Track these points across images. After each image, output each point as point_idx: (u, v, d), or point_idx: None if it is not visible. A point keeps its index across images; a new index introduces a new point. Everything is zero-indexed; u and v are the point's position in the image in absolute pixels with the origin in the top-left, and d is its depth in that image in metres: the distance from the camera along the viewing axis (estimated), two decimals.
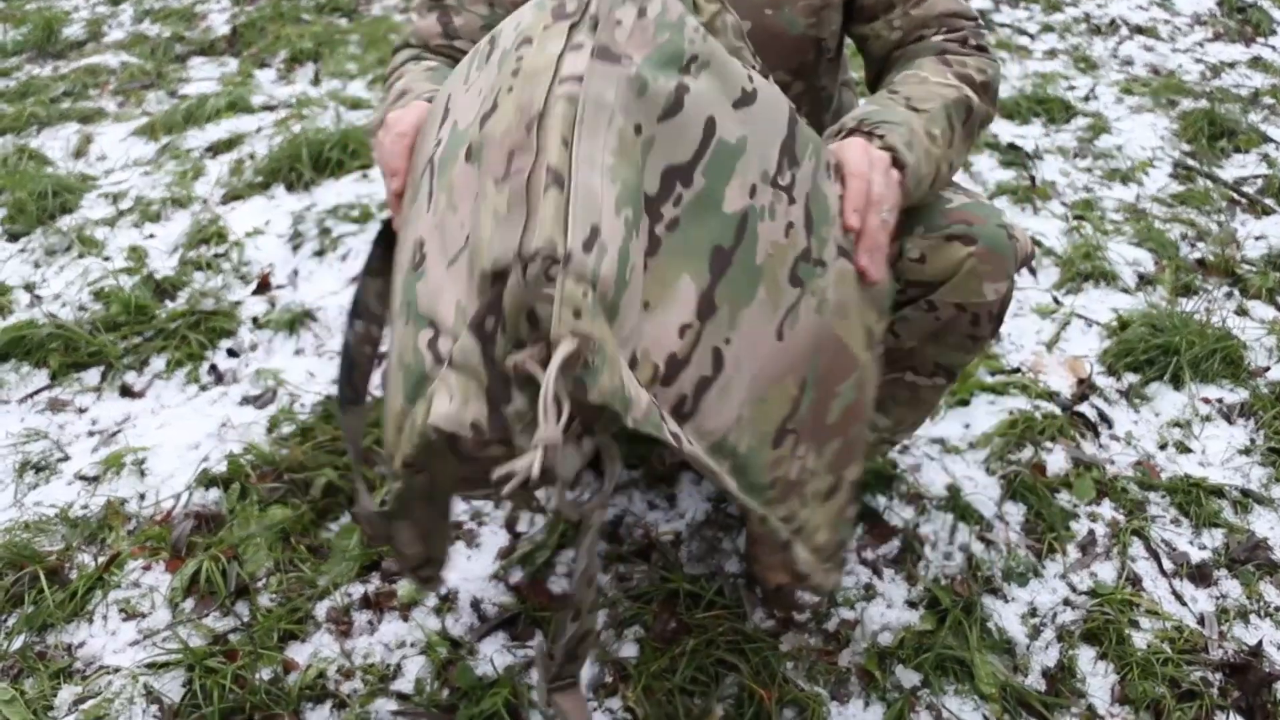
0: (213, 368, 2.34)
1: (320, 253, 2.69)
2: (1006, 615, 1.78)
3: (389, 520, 1.04)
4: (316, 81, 3.83)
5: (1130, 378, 2.27)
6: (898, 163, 1.15)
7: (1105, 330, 2.41)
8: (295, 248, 2.72)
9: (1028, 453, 2.07)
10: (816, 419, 1.06)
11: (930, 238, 1.34)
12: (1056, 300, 2.52)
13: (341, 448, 2.06)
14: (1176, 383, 2.24)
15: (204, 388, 2.30)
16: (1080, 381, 2.25)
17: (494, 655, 1.72)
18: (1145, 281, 2.59)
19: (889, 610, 1.79)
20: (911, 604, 1.80)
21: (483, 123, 0.86)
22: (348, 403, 1.31)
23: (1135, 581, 1.84)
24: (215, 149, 3.33)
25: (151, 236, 2.82)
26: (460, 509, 1.98)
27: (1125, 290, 2.55)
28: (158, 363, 2.35)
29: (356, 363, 1.28)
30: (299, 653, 1.74)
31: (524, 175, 0.80)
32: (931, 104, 1.27)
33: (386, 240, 1.17)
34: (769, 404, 0.98)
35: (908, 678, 1.68)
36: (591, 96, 0.81)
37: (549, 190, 0.78)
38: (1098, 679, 1.69)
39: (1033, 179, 3.05)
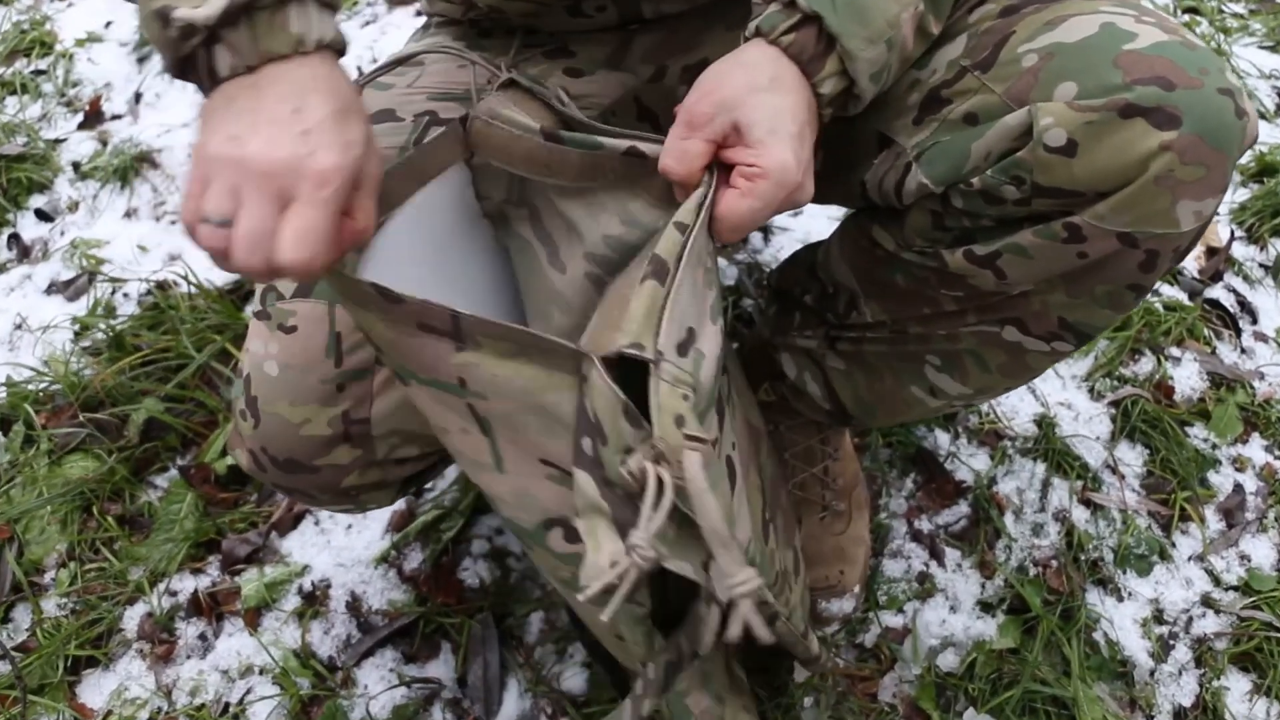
0: (14, 239, 1.70)
1: None
2: (1121, 621, 1.23)
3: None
4: None
5: (1279, 245, 1.64)
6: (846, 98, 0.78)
7: (1240, 174, 1.76)
8: (141, 60, 2.03)
9: (1146, 365, 1.47)
10: (772, 499, 0.97)
11: (1088, 107, 0.72)
12: None
13: (170, 362, 1.45)
14: None
15: (1, 268, 1.66)
16: (1212, 252, 1.62)
17: (379, 691, 1.18)
18: None
19: (953, 616, 1.23)
20: (985, 606, 1.24)
21: None
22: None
23: None
24: None
25: None
26: None
27: (1263, 115, 1.88)
28: None
29: None
30: (95, 690, 1.20)
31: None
32: None
33: None
34: (752, 502, 0.86)
35: None
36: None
37: (645, 281, 0.66)
38: None
39: None
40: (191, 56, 0.67)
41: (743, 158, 0.71)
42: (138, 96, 1.94)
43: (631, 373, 0.63)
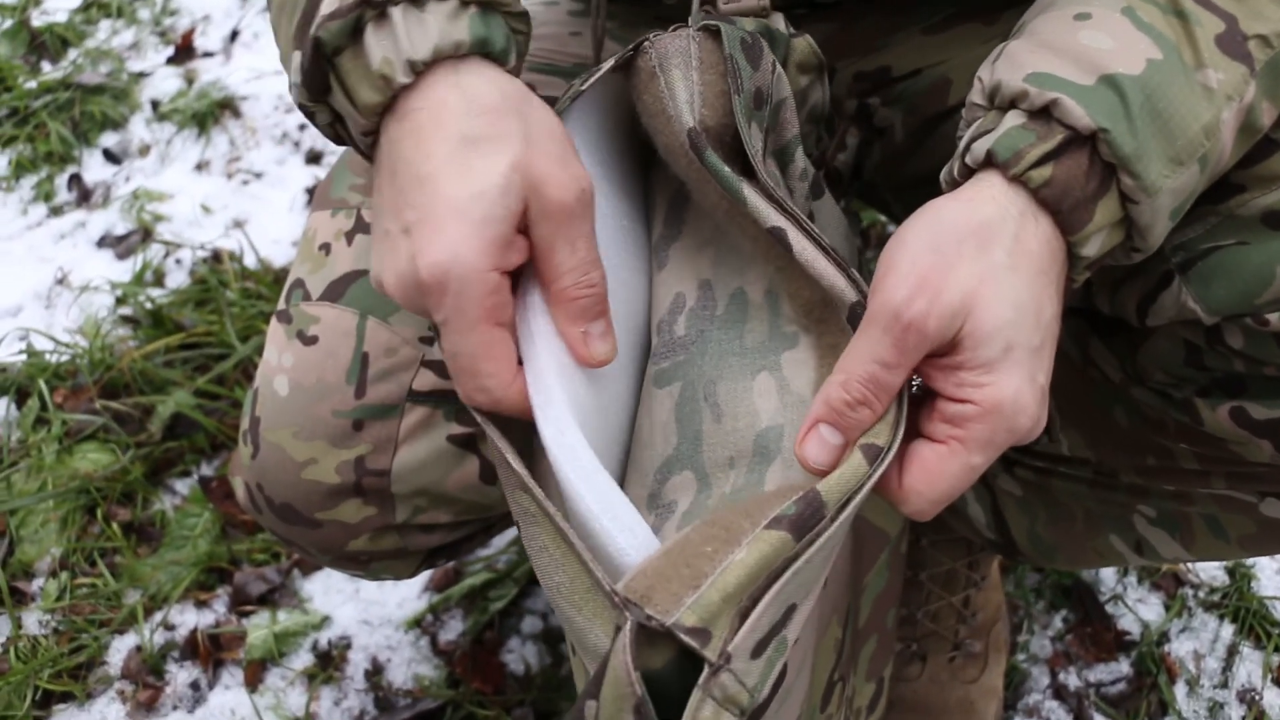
0: (76, 179, 1.54)
1: None
2: None
3: None
4: None
5: None
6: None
7: None
8: None
9: None
10: (854, 639, 0.78)
11: None
12: None
13: (211, 350, 1.26)
14: None
15: (56, 210, 1.50)
16: None
17: None
18: None
19: None
20: None
21: None
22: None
23: None
24: None
25: None
26: None
27: None
28: None
29: None
30: None
31: None
32: None
33: None
34: (819, 669, 0.69)
35: None
36: None
37: (774, 530, 0.44)
38: None
39: None
40: (342, 140, 0.56)
41: (949, 388, 0.48)
42: (234, 34, 1.76)
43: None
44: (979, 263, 0.46)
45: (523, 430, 0.51)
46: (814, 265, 0.50)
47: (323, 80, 0.50)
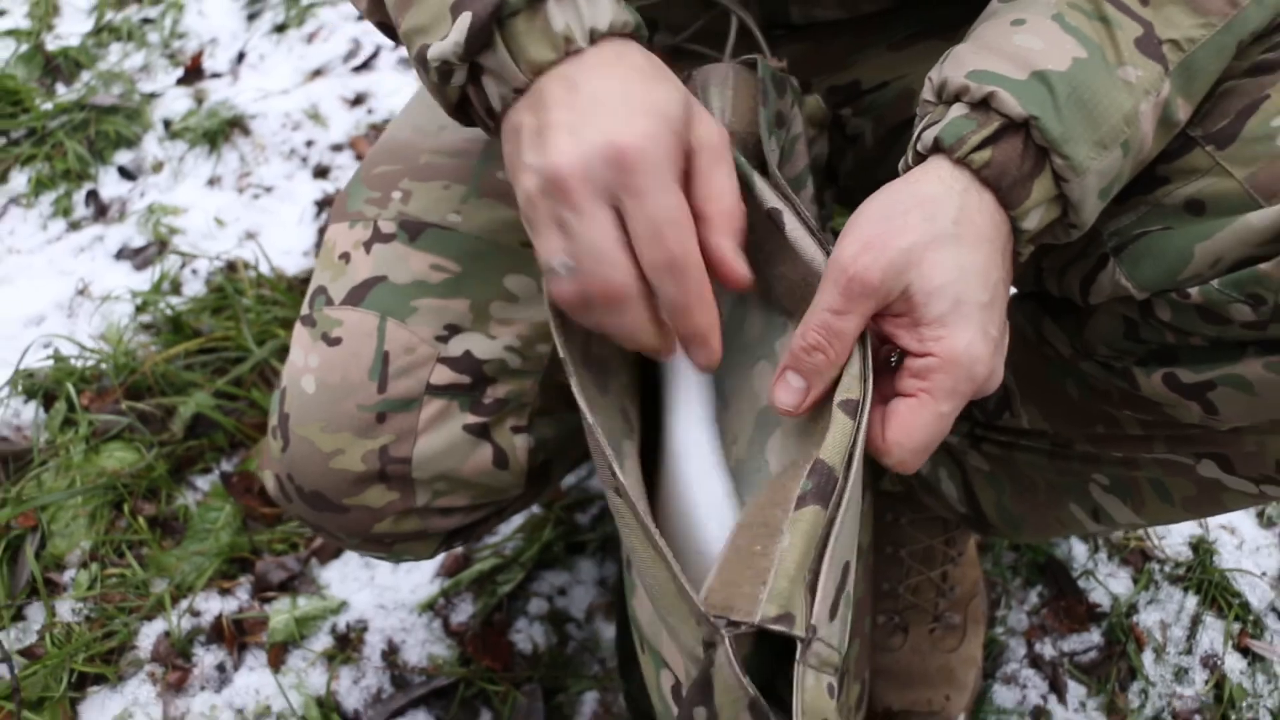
0: (93, 195, 1.61)
1: (282, 27, 1.89)
2: None
3: None
4: None
5: None
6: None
7: None
8: (251, 17, 1.93)
9: None
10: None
11: None
12: None
13: (229, 354, 1.33)
14: None
15: (75, 225, 1.57)
16: None
17: None
18: None
19: None
20: None
21: None
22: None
23: None
24: None
25: None
26: None
27: None
28: (18, 180, 1.63)
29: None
30: (99, 711, 1.09)
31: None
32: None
33: None
34: None
35: None
36: None
37: (805, 507, 0.50)
38: None
39: None
40: (465, 102, 0.59)
41: (912, 344, 0.55)
42: (240, 56, 1.84)
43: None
44: (925, 229, 0.54)
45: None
46: (800, 243, 0.58)
47: (487, 39, 0.55)
